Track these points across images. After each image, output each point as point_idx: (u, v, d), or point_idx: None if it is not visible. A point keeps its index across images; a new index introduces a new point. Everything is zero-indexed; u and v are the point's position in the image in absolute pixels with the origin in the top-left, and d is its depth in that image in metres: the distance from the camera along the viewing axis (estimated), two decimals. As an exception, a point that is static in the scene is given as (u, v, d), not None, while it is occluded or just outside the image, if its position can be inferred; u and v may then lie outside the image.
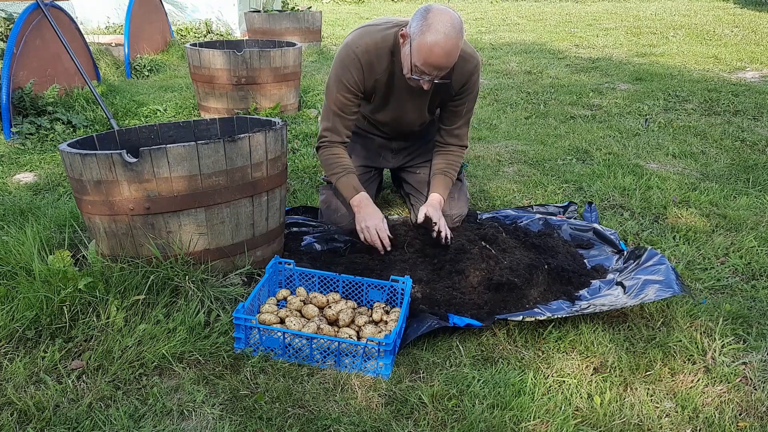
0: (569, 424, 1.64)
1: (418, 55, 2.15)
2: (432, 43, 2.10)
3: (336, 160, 2.48)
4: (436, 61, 2.13)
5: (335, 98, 2.41)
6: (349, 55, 2.35)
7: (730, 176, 3.55)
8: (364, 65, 2.35)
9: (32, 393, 1.72)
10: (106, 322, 1.96)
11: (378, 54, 2.35)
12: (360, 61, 2.34)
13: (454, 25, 2.10)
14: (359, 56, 2.34)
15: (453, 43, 2.11)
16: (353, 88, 2.39)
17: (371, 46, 2.34)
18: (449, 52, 2.12)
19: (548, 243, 2.52)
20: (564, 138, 4.33)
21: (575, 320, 2.08)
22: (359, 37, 2.37)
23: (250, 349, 1.91)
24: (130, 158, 1.95)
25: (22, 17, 4.33)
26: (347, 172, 2.48)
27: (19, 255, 2.19)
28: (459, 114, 2.56)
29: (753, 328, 2.08)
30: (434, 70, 2.17)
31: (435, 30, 2.09)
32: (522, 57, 7.71)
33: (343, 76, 2.37)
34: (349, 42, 2.38)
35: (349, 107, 2.44)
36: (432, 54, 2.11)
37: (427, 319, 2.01)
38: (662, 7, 13.33)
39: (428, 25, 2.10)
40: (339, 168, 2.48)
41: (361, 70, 2.36)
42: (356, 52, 2.34)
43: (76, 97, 4.74)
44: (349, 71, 2.36)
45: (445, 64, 2.16)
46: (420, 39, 2.12)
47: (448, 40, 2.09)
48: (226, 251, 2.19)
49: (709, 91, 5.57)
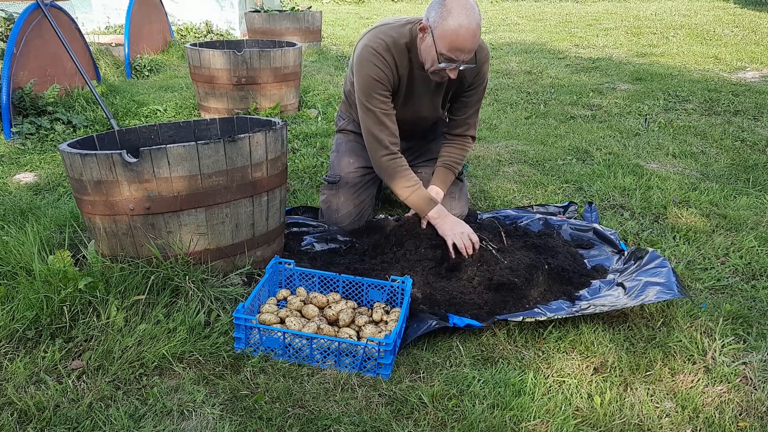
0: (569, 424, 1.64)
1: (443, 41, 2.13)
2: (457, 26, 2.10)
3: (406, 173, 2.40)
4: (463, 44, 2.12)
5: (373, 99, 2.34)
6: (374, 54, 2.31)
7: (731, 176, 3.55)
8: (389, 61, 2.33)
9: (32, 393, 1.72)
10: (106, 322, 1.96)
11: (398, 50, 2.33)
12: (385, 57, 2.31)
13: (473, 6, 2.12)
14: (382, 54, 2.31)
15: (476, 24, 2.12)
16: (387, 84, 2.34)
17: (391, 44, 2.32)
18: (474, 32, 2.12)
19: (548, 243, 2.52)
20: (564, 138, 4.33)
21: (575, 320, 2.09)
22: (376, 37, 2.34)
23: (250, 349, 1.91)
24: (130, 158, 1.95)
25: (22, 17, 4.33)
26: (419, 184, 2.41)
27: (20, 255, 2.19)
28: (470, 104, 2.56)
29: (753, 328, 2.08)
30: (462, 54, 2.16)
31: (457, 13, 2.09)
32: (522, 57, 7.71)
33: (374, 73, 2.31)
34: (368, 43, 2.34)
35: (387, 103, 2.37)
36: (459, 37, 2.11)
37: (427, 320, 2.01)
38: (662, 7, 13.33)
39: (449, 11, 2.10)
40: (413, 180, 2.40)
41: (387, 65, 2.32)
42: (378, 50, 2.31)
43: (76, 97, 4.74)
44: (378, 68, 2.31)
45: (471, 46, 2.15)
46: (443, 25, 2.12)
47: (471, 21, 2.10)
48: (226, 251, 2.19)
49: (709, 91, 5.57)
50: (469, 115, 2.59)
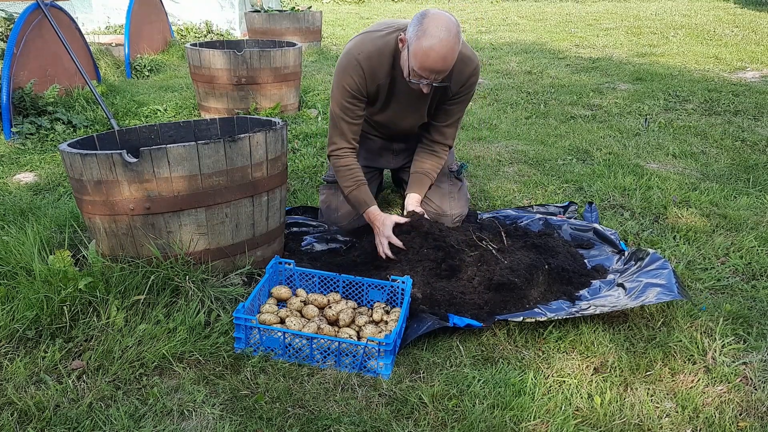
0: (569, 424, 1.64)
1: (415, 59, 2.17)
2: (428, 48, 2.11)
3: (347, 173, 2.50)
4: (432, 65, 2.15)
5: (340, 104, 2.43)
6: (350, 62, 2.37)
7: (731, 176, 3.55)
8: (366, 71, 2.37)
9: (32, 393, 1.72)
10: (106, 322, 1.96)
11: (380, 60, 2.37)
12: (362, 67, 2.36)
13: (449, 29, 2.11)
14: (361, 63, 2.36)
15: (449, 48, 2.12)
16: (357, 94, 2.41)
17: (373, 53, 2.36)
18: (445, 56, 2.13)
19: (548, 243, 2.52)
20: (564, 138, 4.32)
21: (575, 320, 2.09)
22: (361, 44, 2.39)
23: (251, 349, 1.91)
24: (130, 158, 1.95)
25: (22, 17, 4.33)
26: (358, 185, 2.49)
27: (20, 255, 2.19)
28: (451, 114, 2.58)
29: (753, 328, 2.08)
30: (431, 74, 2.19)
31: (430, 35, 2.10)
32: (522, 57, 7.71)
33: (346, 83, 2.39)
34: (351, 48, 2.40)
35: (355, 111, 2.45)
36: (428, 59, 2.13)
37: (427, 320, 2.01)
38: (662, 7, 13.33)
39: (423, 30, 2.12)
40: (351, 181, 2.49)
41: (363, 76, 2.37)
42: (358, 59, 2.36)
43: (77, 97, 4.74)
44: (352, 78, 2.37)
45: (441, 68, 2.17)
46: (416, 44, 2.14)
47: (443, 44, 2.11)
48: (226, 251, 2.19)
49: (709, 91, 5.57)
50: (449, 124, 2.60)
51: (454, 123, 2.61)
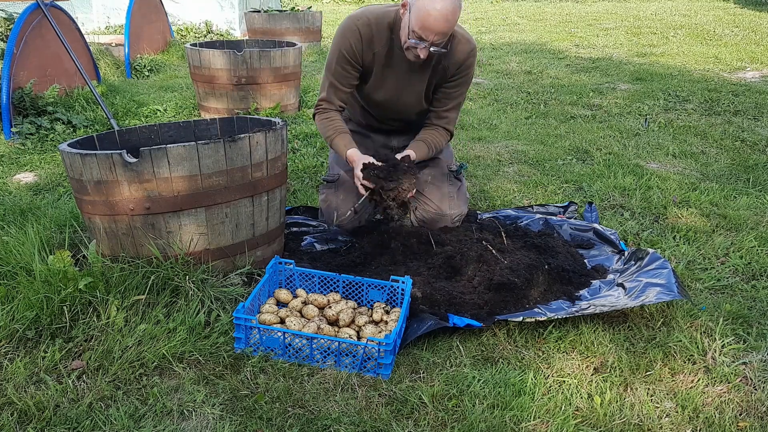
0: (569, 424, 1.64)
1: (416, 18, 2.19)
2: (431, 6, 2.14)
3: (329, 124, 2.56)
4: (433, 25, 2.16)
5: (333, 69, 2.48)
6: (349, 27, 2.41)
7: (731, 176, 3.55)
8: (364, 37, 2.40)
9: (32, 393, 1.72)
10: (106, 322, 1.96)
11: (378, 28, 2.41)
12: (360, 32, 2.40)
13: None
14: (359, 28, 2.39)
15: (451, 10, 2.15)
16: (352, 60, 2.44)
17: (372, 20, 2.40)
18: (446, 16, 2.15)
19: (548, 243, 2.52)
20: (564, 138, 4.32)
21: (575, 320, 2.09)
22: (361, 12, 2.45)
23: (251, 349, 1.91)
24: (130, 158, 1.95)
25: (22, 17, 4.33)
26: (338, 132, 2.54)
27: (20, 255, 2.19)
28: (451, 97, 2.59)
29: (753, 328, 2.08)
30: (431, 35, 2.20)
31: None
32: (522, 57, 7.71)
33: (343, 47, 2.42)
34: (351, 15, 2.45)
35: (347, 79, 2.49)
36: (430, 17, 2.15)
37: (427, 320, 2.01)
38: (662, 7, 13.32)
39: None
40: (332, 130, 2.55)
41: (360, 41, 2.41)
42: (357, 24, 2.40)
43: (77, 97, 4.74)
44: (349, 42, 2.41)
45: (441, 29, 2.19)
46: (419, 4, 2.17)
47: (446, 6, 2.14)
48: (226, 251, 2.19)
49: (709, 91, 5.57)
50: (449, 108, 2.62)
51: (454, 108, 2.63)
